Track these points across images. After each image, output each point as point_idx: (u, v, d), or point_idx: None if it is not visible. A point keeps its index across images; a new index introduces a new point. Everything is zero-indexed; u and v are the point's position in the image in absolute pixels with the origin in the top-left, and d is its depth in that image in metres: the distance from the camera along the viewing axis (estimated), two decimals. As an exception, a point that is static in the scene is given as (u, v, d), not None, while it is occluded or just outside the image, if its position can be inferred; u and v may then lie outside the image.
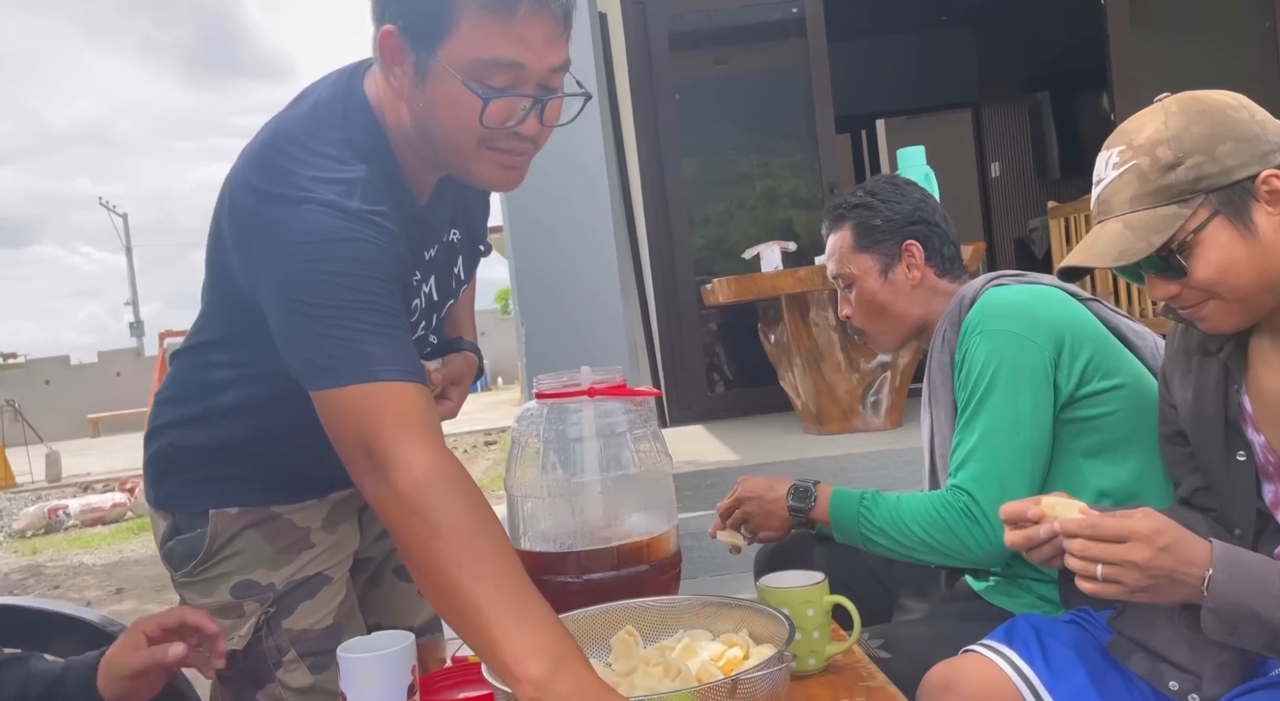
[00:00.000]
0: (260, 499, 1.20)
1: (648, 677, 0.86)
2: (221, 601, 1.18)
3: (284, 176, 0.97)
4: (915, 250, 1.46)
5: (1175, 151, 0.97)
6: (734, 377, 5.00)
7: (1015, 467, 1.25)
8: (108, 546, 6.42)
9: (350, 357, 0.91)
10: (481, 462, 8.60)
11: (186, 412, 1.20)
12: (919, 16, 7.13)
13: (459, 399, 1.23)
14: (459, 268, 1.23)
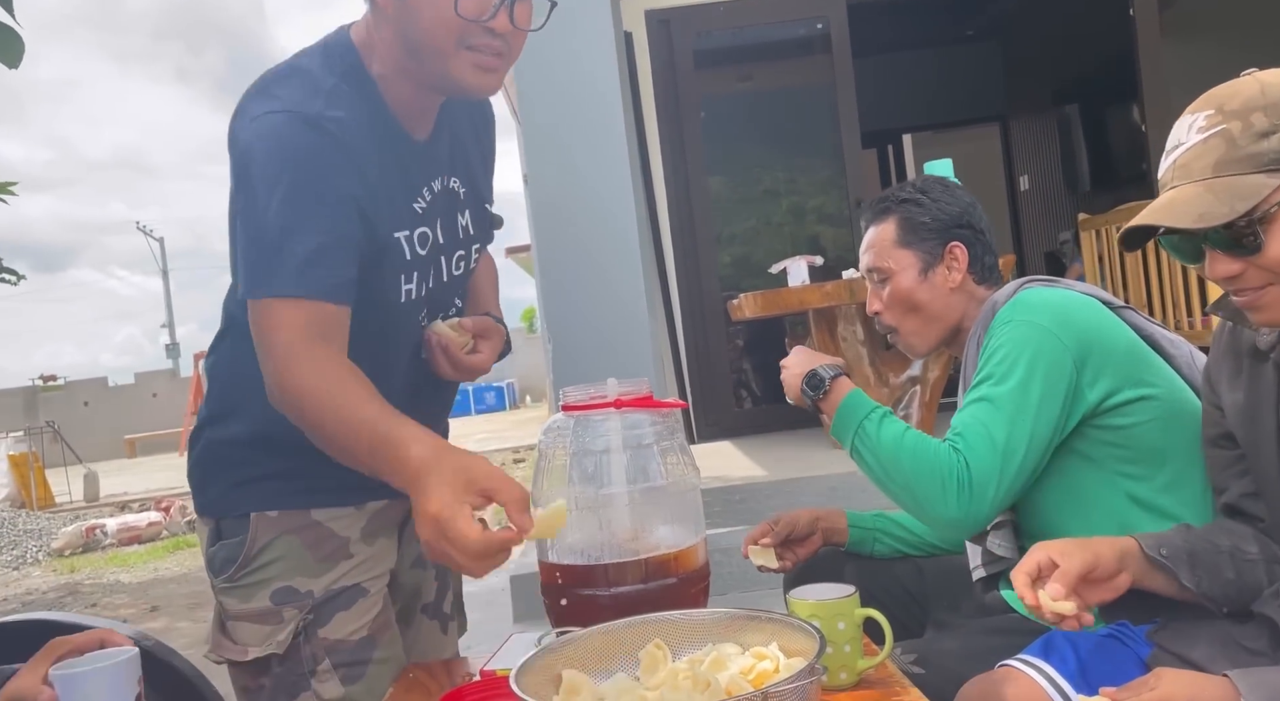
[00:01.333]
0: (299, 501, 1.21)
1: (677, 691, 0.85)
2: (262, 607, 1.19)
3: (257, 101, 1.08)
4: (960, 253, 1.44)
5: (1272, 119, 0.92)
6: (761, 393, 4.97)
7: (1013, 448, 1.24)
8: (143, 565, 6.49)
9: (267, 269, 1.04)
10: (510, 481, 8.61)
11: (219, 407, 1.24)
12: (945, 30, 7.12)
13: (490, 353, 1.26)
14: (466, 221, 1.25)
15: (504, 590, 3.24)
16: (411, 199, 1.15)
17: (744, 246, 5.10)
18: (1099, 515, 1.27)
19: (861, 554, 1.57)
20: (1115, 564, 1.05)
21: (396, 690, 1.15)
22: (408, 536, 1.34)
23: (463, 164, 1.24)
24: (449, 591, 1.44)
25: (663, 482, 1.11)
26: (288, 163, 1.04)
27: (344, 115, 1.07)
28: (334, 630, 1.20)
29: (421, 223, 1.16)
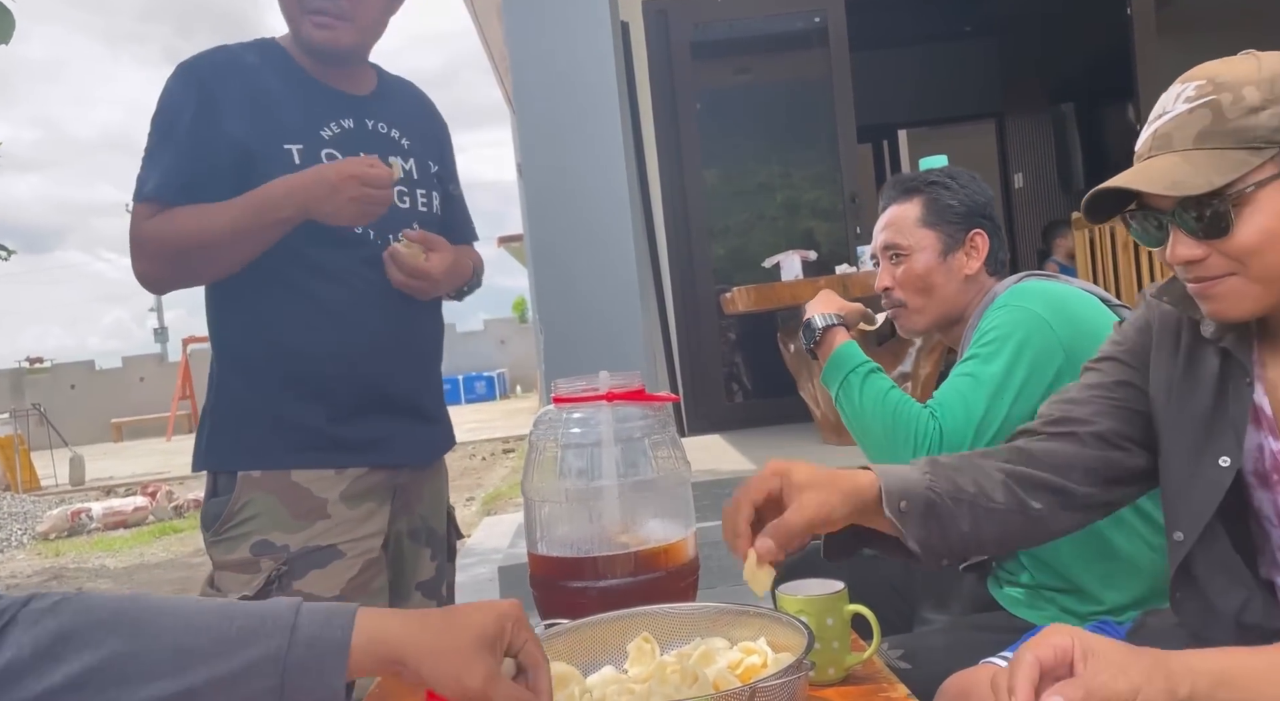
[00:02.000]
0: (281, 459, 1.33)
1: (664, 684, 0.85)
2: (242, 558, 1.31)
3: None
4: (981, 242, 1.46)
5: (1265, 95, 0.87)
6: (753, 387, 4.98)
7: (987, 424, 1.28)
8: (129, 550, 6.47)
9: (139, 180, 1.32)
10: (499, 470, 8.61)
11: (215, 370, 1.40)
12: (942, 26, 7.11)
13: (439, 263, 1.39)
14: (410, 167, 1.44)
15: (491, 581, 3.24)
16: (314, 125, 1.37)
17: (738, 240, 5.10)
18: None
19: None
20: (844, 513, 0.96)
21: (383, 680, 1.14)
22: (399, 507, 1.43)
23: (408, 126, 1.47)
24: (446, 578, 1.53)
25: (653, 476, 1.11)
26: (160, 99, 1.34)
27: (228, 63, 1.35)
28: (308, 584, 1.30)
29: (329, 145, 1.37)
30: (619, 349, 2.66)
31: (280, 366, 1.35)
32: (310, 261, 1.34)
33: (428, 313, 1.47)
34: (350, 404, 1.36)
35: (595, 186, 2.86)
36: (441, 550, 1.52)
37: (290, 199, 1.28)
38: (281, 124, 1.34)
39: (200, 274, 1.36)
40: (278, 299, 1.35)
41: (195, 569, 5.57)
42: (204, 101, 1.31)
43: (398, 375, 1.42)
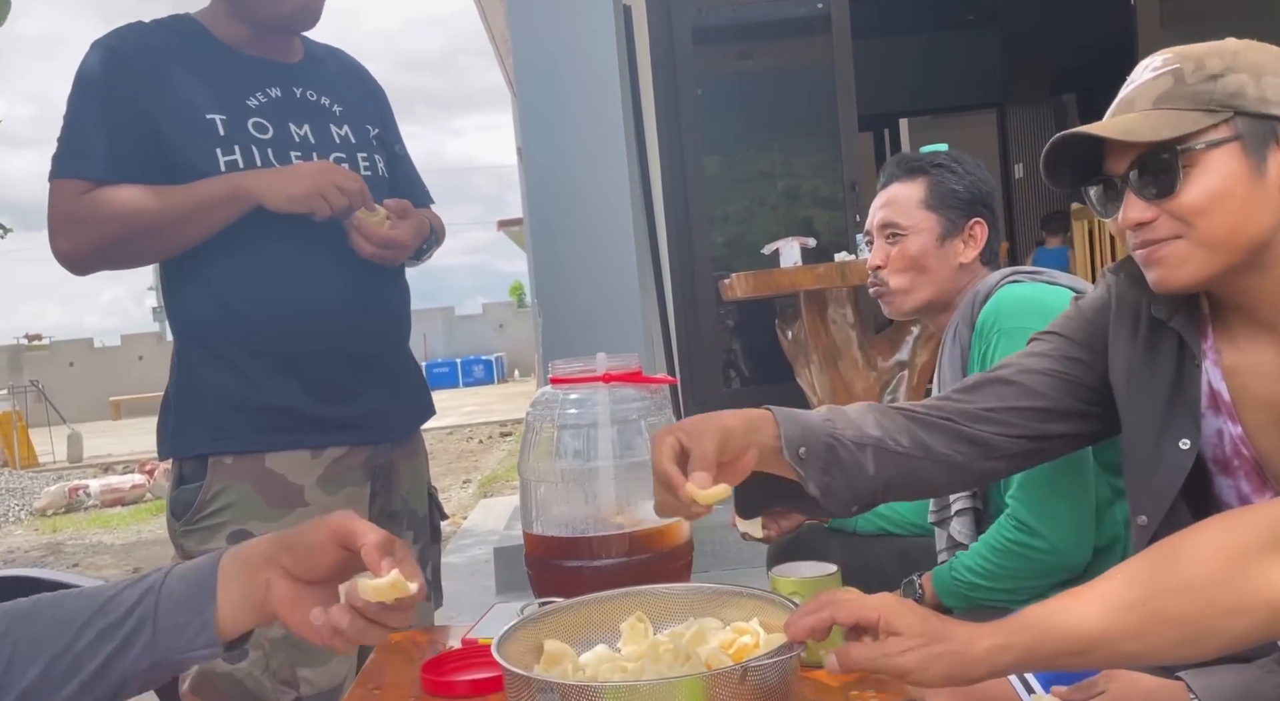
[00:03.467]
0: (253, 442, 1.29)
1: (657, 663, 0.86)
2: (218, 548, 1.25)
3: None
4: (979, 232, 1.45)
5: (1224, 64, 0.90)
6: (750, 374, 4.98)
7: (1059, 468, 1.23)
8: (126, 527, 6.49)
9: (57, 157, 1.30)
10: (496, 453, 8.63)
11: (176, 338, 1.36)
12: (945, 15, 7.07)
13: (407, 230, 1.37)
14: (345, 132, 1.42)
15: (487, 561, 3.26)
16: (239, 95, 1.35)
17: (737, 227, 5.09)
18: (1080, 505, 1.28)
19: (845, 530, 1.59)
20: (744, 438, 0.95)
21: (377, 656, 1.16)
22: (379, 487, 1.40)
23: (339, 93, 1.45)
24: (429, 564, 1.49)
25: (649, 457, 1.12)
26: (78, 72, 1.32)
27: (142, 40, 1.33)
28: None
29: (255, 114, 1.35)
30: (617, 333, 2.67)
31: (245, 341, 1.31)
32: (267, 230, 1.30)
33: (392, 277, 1.43)
34: (323, 378, 1.33)
35: (596, 171, 2.85)
36: (424, 532, 1.48)
37: (245, 180, 1.27)
38: (203, 95, 1.31)
39: (136, 257, 1.33)
40: (237, 269, 1.31)
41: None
42: (120, 76, 1.30)
43: (369, 344, 1.38)
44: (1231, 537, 0.70)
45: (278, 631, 1.25)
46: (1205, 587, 0.69)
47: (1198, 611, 0.69)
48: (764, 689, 0.79)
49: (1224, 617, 0.68)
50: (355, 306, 1.35)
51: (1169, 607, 0.70)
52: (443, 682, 1.01)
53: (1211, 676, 0.90)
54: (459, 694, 1.00)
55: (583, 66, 2.87)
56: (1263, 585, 0.67)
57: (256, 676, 1.26)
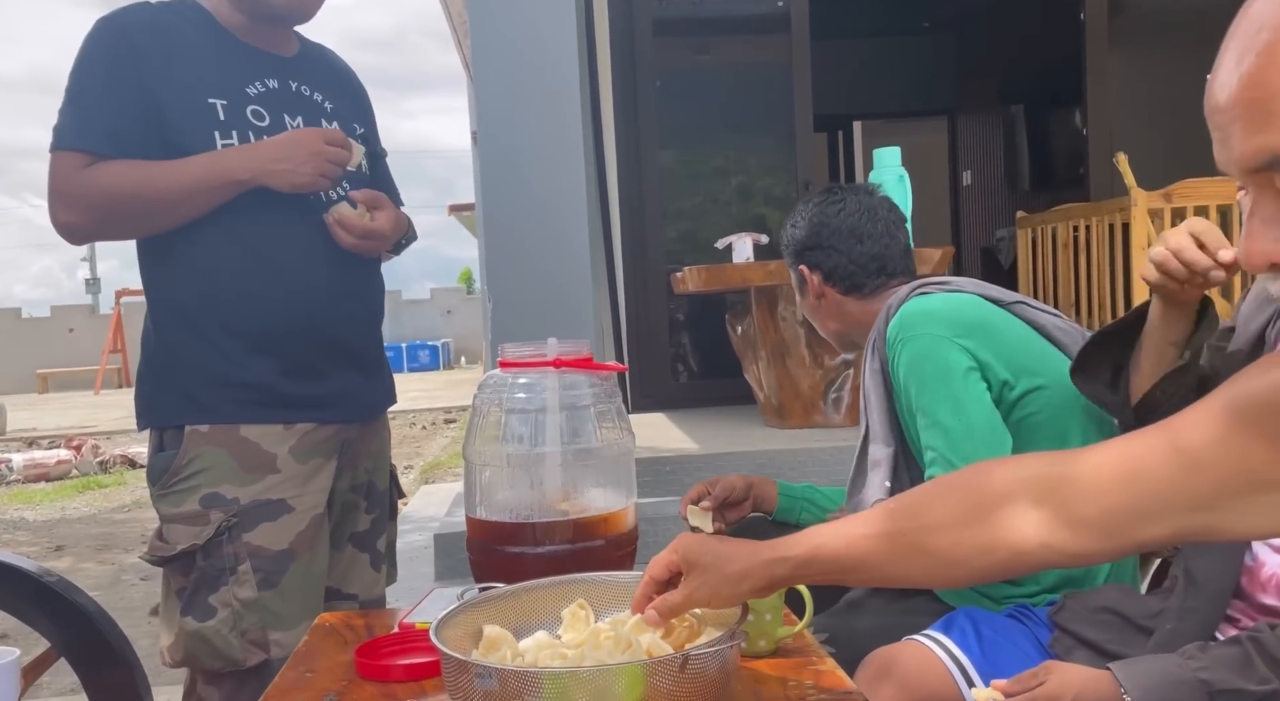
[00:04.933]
0: (229, 412, 1.34)
1: (597, 650, 0.86)
2: (191, 510, 1.33)
3: None
4: (807, 273, 1.54)
5: None
6: (698, 368, 5.00)
7: (982, 450, 1.27)
8: (50, 503, 6.28)
9: (59, 129, 1.32)
10: (440, 440, 8.54)
11: (152, 323, 1.39)
12: (902, 21, 7.16)
13: (386, 220, 1.43)
14: (336, 127, 1.44)
15: (426, 548, 3.22)
16: (239, 82, 1.39)
17: (690, 221, 5.10)
18: None
19: (788, 522, 1.60)
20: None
21: (311, 638, 1.13)
22: (345, 463, 1.47)
23: (330, 90, 1.50)
24: (383, 534, 1.55)
25: (597, 445, 1.11)
26: (83, 46, 1.34)
27: (150, 20, 1.36)
28: (257, 537, 1.33)
29: (254, 102, 1.39)
30: (568, 322, 2.65)
31: (227, 319, 1.35)
32: (253, 215, 1.35)
33: (370, 266, 1.49)
34: (299, 358, 1.38)
35: (551, 158, 2.83)
36: (380, 505, 1.54)
37: (246, 161, 1.31)
38: (205, 79, 1.36)
39: (133, 230, 1.37)
40: (222, 251, 1.35)
41: (118, 525, 5.43)
42: (127, 53, 1.33)
43: (346, 329, 1.44)
44: (988, 484, 0.77)
45: (249, 593, 1.31)
46: (956, 526, 0.77)
47: (947, 546, 0.77)
48: (704, 677, 0.79)
49: (970, 554, 0.77)
50: (336, 293, 1.41)
51: (923, 540, 0.78)
52: (378, 666, 0.99)
53: (1136, 665, 0.94)
54: (394, 678, 0.98)
55: (542, 53, 2.84)
56: (1007, 530, 0.74)
57: (224, 634, 1.31)
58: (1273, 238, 0.65)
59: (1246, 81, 0.63)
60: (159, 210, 1.32)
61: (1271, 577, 1.02)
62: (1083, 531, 0.73)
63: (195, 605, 1.32)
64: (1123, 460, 0.72)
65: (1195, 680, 0.90)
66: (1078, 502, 0.73)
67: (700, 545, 0.86)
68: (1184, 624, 1.02)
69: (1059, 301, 4.23)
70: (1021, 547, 0.75)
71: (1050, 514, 0.74)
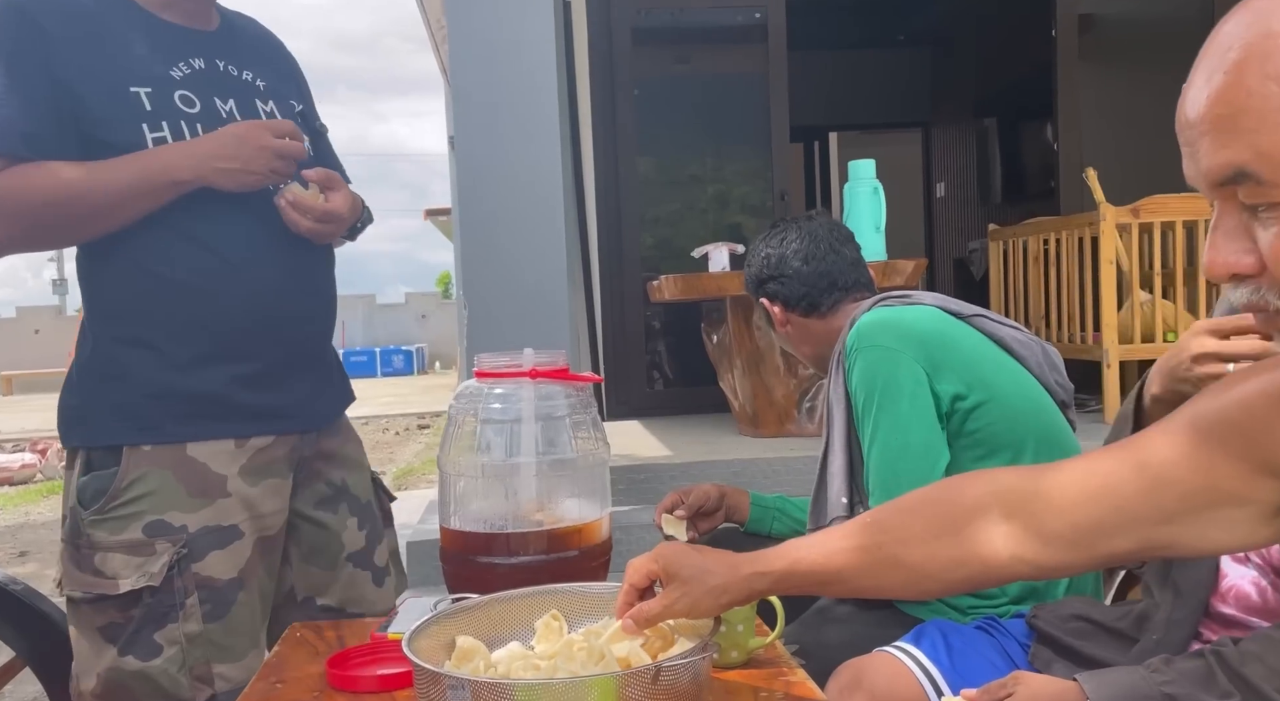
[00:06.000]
0: (174, 431, 1.21)
1: (571, 661, 0.86)
2: (134, 539, 1.19)
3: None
4: (768, 307, 1.61)
5: None
6: (673, 376, 5.01)
7: (912, 482, 1.29)
8: (14, 508, 6.17)
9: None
10: (413, 446, 8.48)
11: (87, 331, 1.26)
12: (878, 33, 7.24)
13: (342, 201, 1.31)
14: (270, 109, 1.34)
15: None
16: (162, 65, 1.25)
17: (667, 229, 5.11)
18: None
19: (760, 533, 1.62)
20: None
21: (282, 648, 1.13)
22: (305, 477, 1.34)
23: (260, 66, 1.37)
24: (381, 543, 1.43)
25: (572, 456, 1.12)
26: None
27: (53, 1, 1.20)
28: (207, 567, 1.21)
29: (180, 87, 1.26)
30: (544, 329, 2.65)
31: (174, 323, 1.22)
32: (199, 205, 1.22)
33: (323, 255, 1.37)
34: (254, 364, 1.25)
35: (529, 164, 2.82)
36: (370, 517, 1.42)
37: (187, 160, 1.18)
38: (124, 65, 1.21)
39: (59, 241, 1.25)
40: (167, 247, 1.22)
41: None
42: (34, 40, 1.17)
43: (303, 328, 1.32)
44: (961, 499, 0.80)
45: (195, 627, 1.20)
46: (930, 540, 0.79)
47: (921, 560, 0.79)
48: (676, 688, 0.79)
49: (943, 567, 0.79)
50: (292, 288, 1.29)
51: (898, 554, 0.80)
52: (349, 677, 0.99)
53: (1103, 677, 0.95)
54: (365, 689, 0.98)
55: (520, 58, 2.84)
56: (979, 544, 0.77)
57: (172, 674, 1.19)
58: (1235, 249, 0.67)
59: (1214, 98, 0.65)
60: (90, 217, 1.18)
61: (1231, 589, 1.04)
62: (1052, 544, 0.75)
63: (138, 643, 1.18)
64: (1090, 476, 0.74)
65: (1159, 694, 0.92)
66: (1047, 517, 0.75)
67: (681, 556, 0.86)
68: (1170, 634, 1.04)
69: (1029, 313, 4.28)
70: (993, 560, 0.77)
71: (1020, 527, 0.75)
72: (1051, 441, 1.38)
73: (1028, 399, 1.38)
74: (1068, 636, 1.14)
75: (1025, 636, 1.24)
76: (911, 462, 1.31)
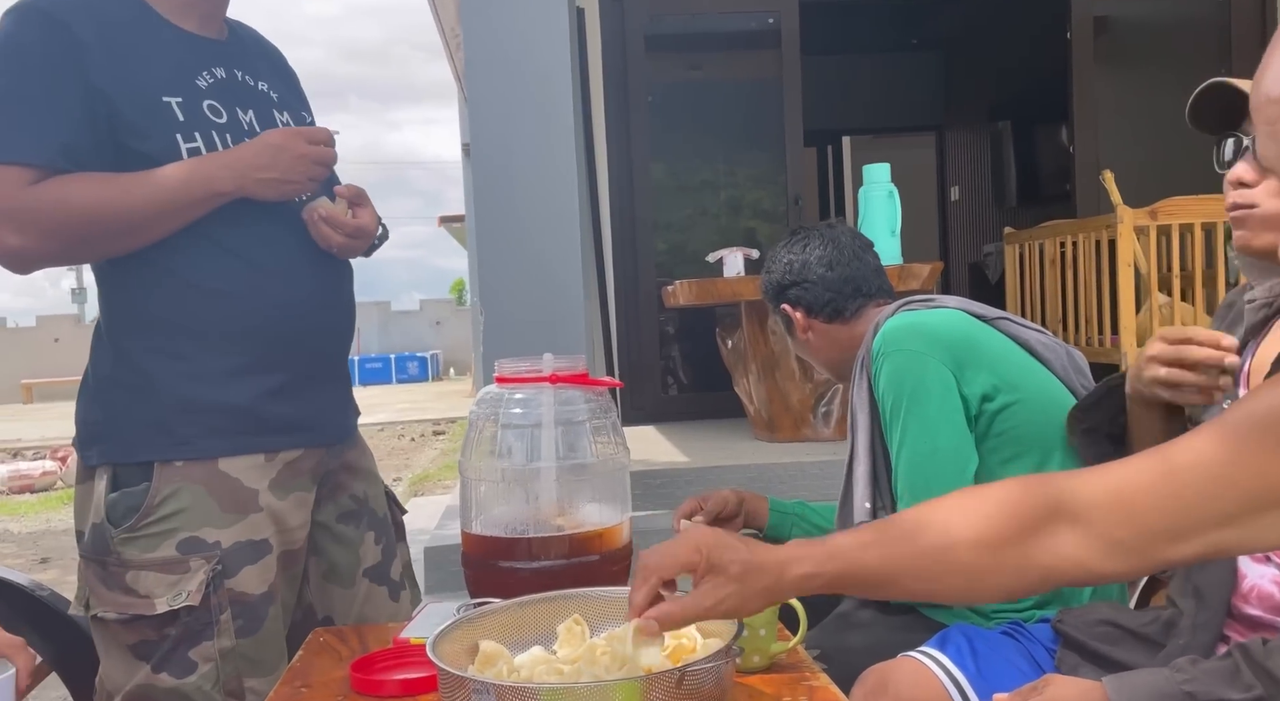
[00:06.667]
0: (205, 445, 1.20)
1: (594, 666, 0.86)
2: (167, 556, 1.17)
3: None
4: (790, 311, 1.60)
5: None
6: (689, 381, 5.01)
7: (941, 485, 1.30)
8: (34, 515, 6.23)
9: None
10: (429, 452, 8.51)
11: (110, 348, 1.23)
12: (891, 37, 7.23)
13: (369, 217, 1.32)
14: (286, 120, 1.34)
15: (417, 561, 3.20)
16: (188, 74, 1.24)
17: (680, 235, 5.12)
18: None
19: (779, 539, 1.61)
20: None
21: (305, 653, 1.13)
22: (329, 490, 1.34)
23: (270, 77, 1.37)
24: (395, 558, 1.43)
25: (592, 460, 1.12)
26: (9, 41, 1.16)
27: (79, 5, 1.17)
28: (240, 582, 1.20)
29: (206, 96, 1.25)
30: (560, 335, 2.65)
31: (207, 336, 1.20)
32: (232, 216, 1.21)
33: (345, 270, 1.37)
34: (283, 377, 1.24)
35: (543, 171, 2.84)
36: (385, 531, 1.41)
37: (228, 170, 1.17)
38: (155, 73, 1.19)
39: (94, 254, 1.21)
40: (202, 258, 1.20)
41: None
42: (69, 48, 1.14)
43: (327, 342, 1.32)
44: (1021, 503, 0.77)
45: (228, 642, 1.19)
46: (998, 547, 0.76)
47: (986, 566, 0.76)
48: (700, 693, 0.79)
49: (1008, 575, 0.76)
50: (320, 302, 1.29)
51: (961, 559, 0.77)
52: (373, 681, 0.99)
53: (1127, 679, 0.95)
54: (389, 693, 0.98)
55: (534, 66, 2.86)
56: (1042, 552, 0.75)
57: (206, 691, 1.18)
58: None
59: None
60: (128, 230, 1.16)
61: (1252, 589, 1.04)
62: (1115, 551, 0.74)
63: (172, 661, 1.16)
64: (1154, 481, 0.73)
65: (1180, 692, 0.92)
66: (1112, 524, 0.74)
67: (728, 550, 0.79)
68: (1197, 638, 1.04)
69: (1046, 317, 4.26)
70: (1054, 567, 0.76)
71: (1084, 534, 0.74)
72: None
73: (1054, 401, 1.37)
74: (1095, 641, 1.13)
75: (1050, 641, 1.24)
76: (940, 466, 1.31)
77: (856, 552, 0.80)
